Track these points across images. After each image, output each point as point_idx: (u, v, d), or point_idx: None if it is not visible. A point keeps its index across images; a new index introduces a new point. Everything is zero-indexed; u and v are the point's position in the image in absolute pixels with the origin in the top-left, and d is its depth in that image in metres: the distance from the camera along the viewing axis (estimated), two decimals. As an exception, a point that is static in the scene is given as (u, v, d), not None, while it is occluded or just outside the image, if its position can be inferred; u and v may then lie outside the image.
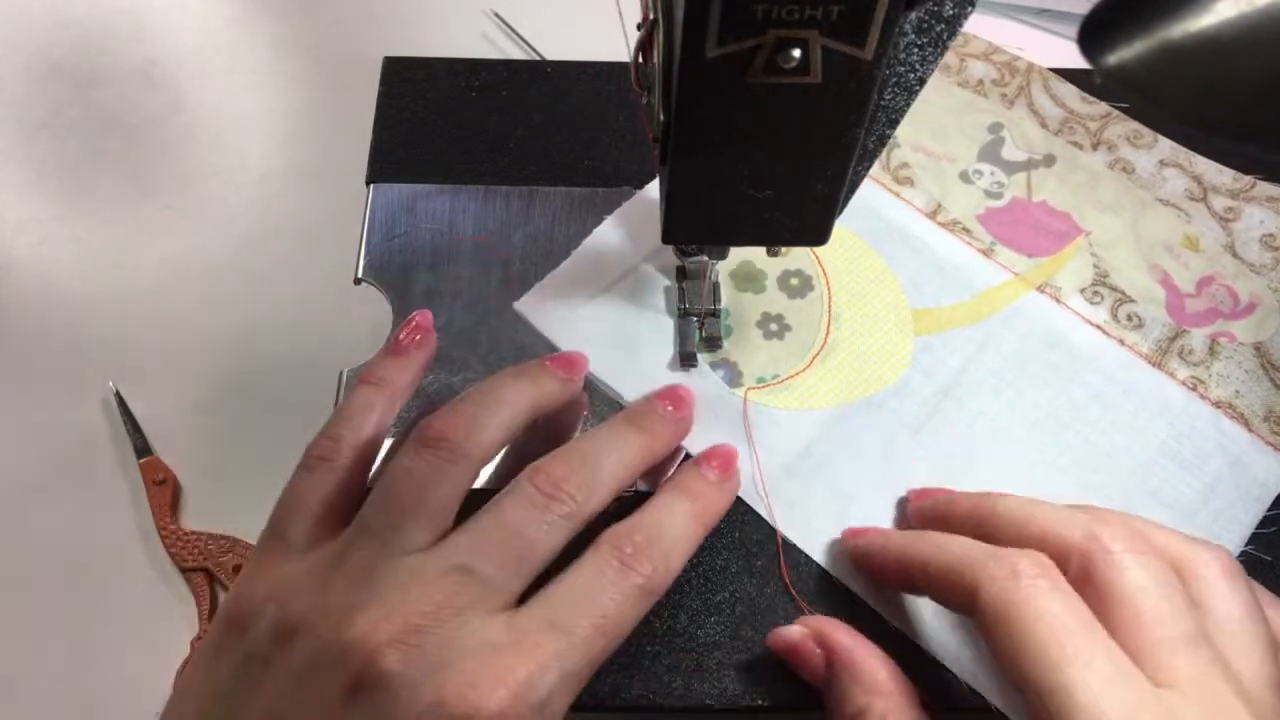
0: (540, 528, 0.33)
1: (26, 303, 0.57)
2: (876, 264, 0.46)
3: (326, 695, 0.30)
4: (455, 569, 0.32)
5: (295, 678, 0.30)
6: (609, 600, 0.32)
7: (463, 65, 0.53)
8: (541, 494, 0.34)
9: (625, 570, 0.33)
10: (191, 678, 0.33)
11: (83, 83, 0.65)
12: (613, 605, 0.32)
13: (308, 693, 0.30)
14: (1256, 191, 0.48)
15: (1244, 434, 0.42)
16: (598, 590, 0.32)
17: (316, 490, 0.35)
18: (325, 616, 0.31)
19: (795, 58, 0.27)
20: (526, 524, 0.33)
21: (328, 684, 0.30)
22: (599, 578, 0.33)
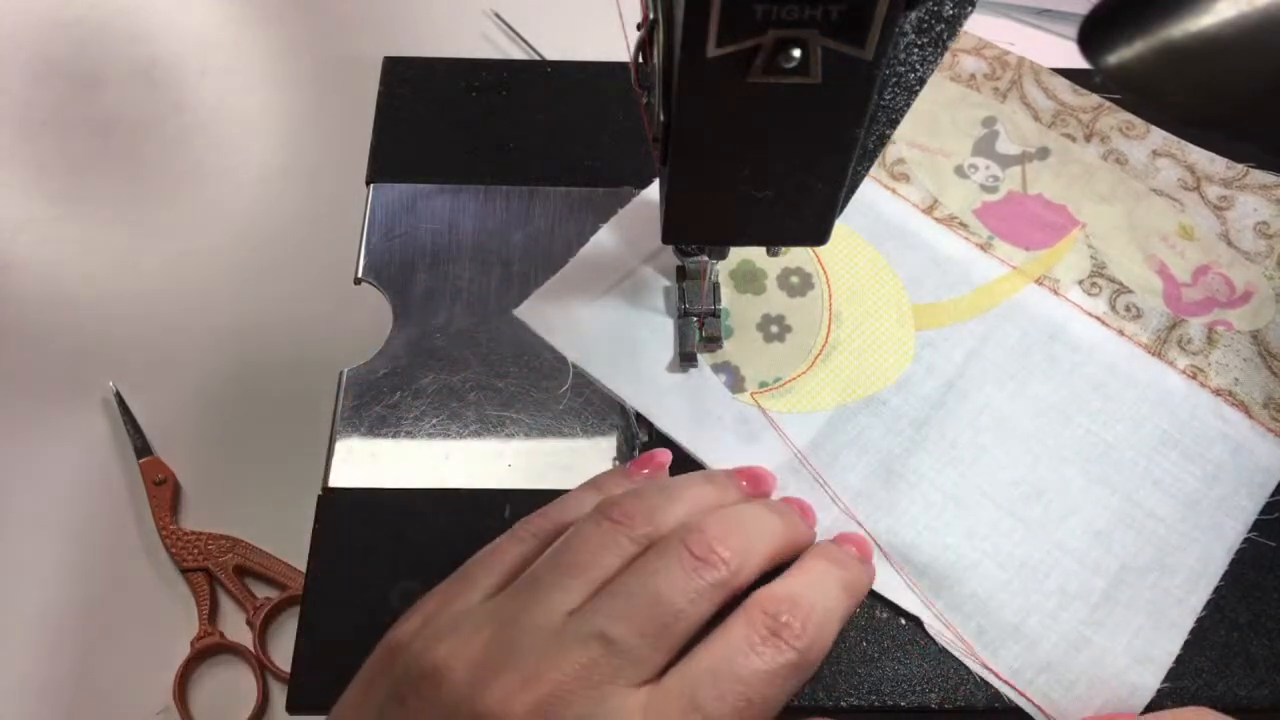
0: (688, 595, 0.31)
1: (27, 303, 0.57)
2: (876, 261, 0.47)
3: None
4: (596, 637, 0.30)
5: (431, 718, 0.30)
6: (757, 676, 0.30)
7: (463, 65, 0.53)
8: (693, 556, 0.31)
9: (777, 643, 0.30)
10: (345, 702, 0.33)
11: (83, 83, 0.65)
12: (760, 682, 0.30)
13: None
14: (1249, 180, 0.48)
15: (1245, 421, 0.42)
16: (745, 663, 0.30)
17: (517, 552, 0.35)
18: (465, 668, 0.30)
19: (795, 58, 0.27)
20: (674, 591, 0.31)
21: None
22: (747, 649, 0.30)
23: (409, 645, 0.32)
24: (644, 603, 0.30)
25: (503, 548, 0.35)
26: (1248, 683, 0.37)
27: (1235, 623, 0.38)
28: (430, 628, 0.32)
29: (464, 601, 0.33)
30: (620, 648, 0.30)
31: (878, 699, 0.37)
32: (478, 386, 0.43)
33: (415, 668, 0.31)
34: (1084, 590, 0.38)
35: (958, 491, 0.41)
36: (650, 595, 0.30)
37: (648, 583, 0.31)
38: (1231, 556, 0.39)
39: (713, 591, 0.31)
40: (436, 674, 0.30)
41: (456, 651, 0.30)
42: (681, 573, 0.31)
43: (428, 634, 0.31)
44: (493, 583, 0.33)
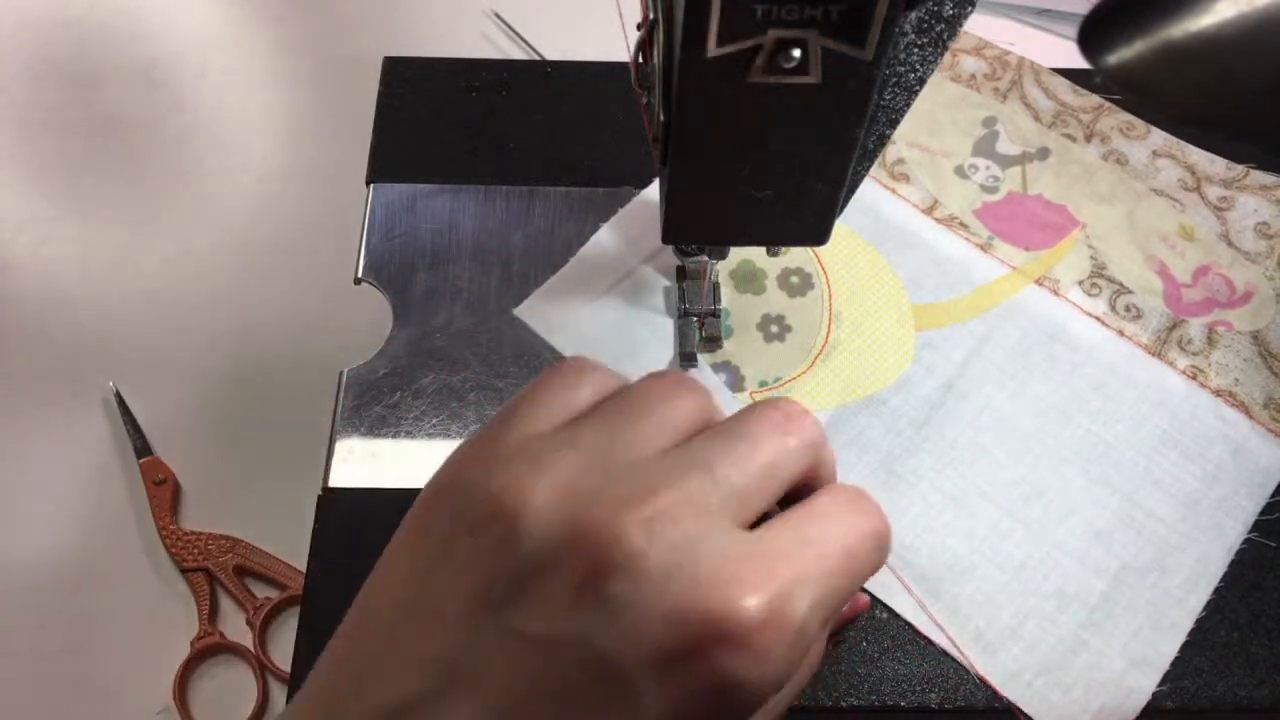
0: (782, 450, 0.29)
1: (26, 303, 0.57)
2: (876, 261, 0.47)
3: (555, 578, 0.26)
4: (700, 468, 0.28)
5: (516, 557, 0.26)
6: (853, 534, 0.28)
7: (463, 65, 0.53)
8: (785, 416, 0.30)
9: (863, 508, 0.29)
10: (389, 557, 0.30)
11: (83, 83, 0.65)
12: (855, 540, 0.28)
13: (530, 573, 0.26)
14: (1249, 180, 0.48)
15: (1245, 421, 0.42)
16: (841, 520, 0.28)
17: (572, 391, 0.31)
18: (555, 491, 0.27)
19: (795, 58, 0.27)
20: (769, 442, 0.29)
21: (557, 564, 0.26)
22: (842, 515, 0.29)
23: (470, 476, 0.28)
24: (744, 447, 0.29)
25: (550, 381, 0.31)
26: (1248, 683, 0.37)
27: (1235, 623, 0.38)
28: (491, 456, 0.29)
29: (521, 432, 0.30)
30: (726, 482, 0.28)
31: (878, 699, 0.37)
32: (478, 386, 0.43)
33: (484, 491, 0.28)
34: (1083, 591, 0.38)
35: (957, 492, 0.41)
36: (749, 442, 0.29)
37: (745, 432, 0.29)
38: (1232, 557, 0.39)
39: (802, 453, 0.30)
40: (516, 494, 0.27)
41: (542, 475, 0.27)
42: (775, 429, 0.29)
43: (494, 464, 0.28)
44: (552, 423, 0.30)
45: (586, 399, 0.31)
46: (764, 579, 0.26)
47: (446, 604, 0.27)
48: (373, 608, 0.29)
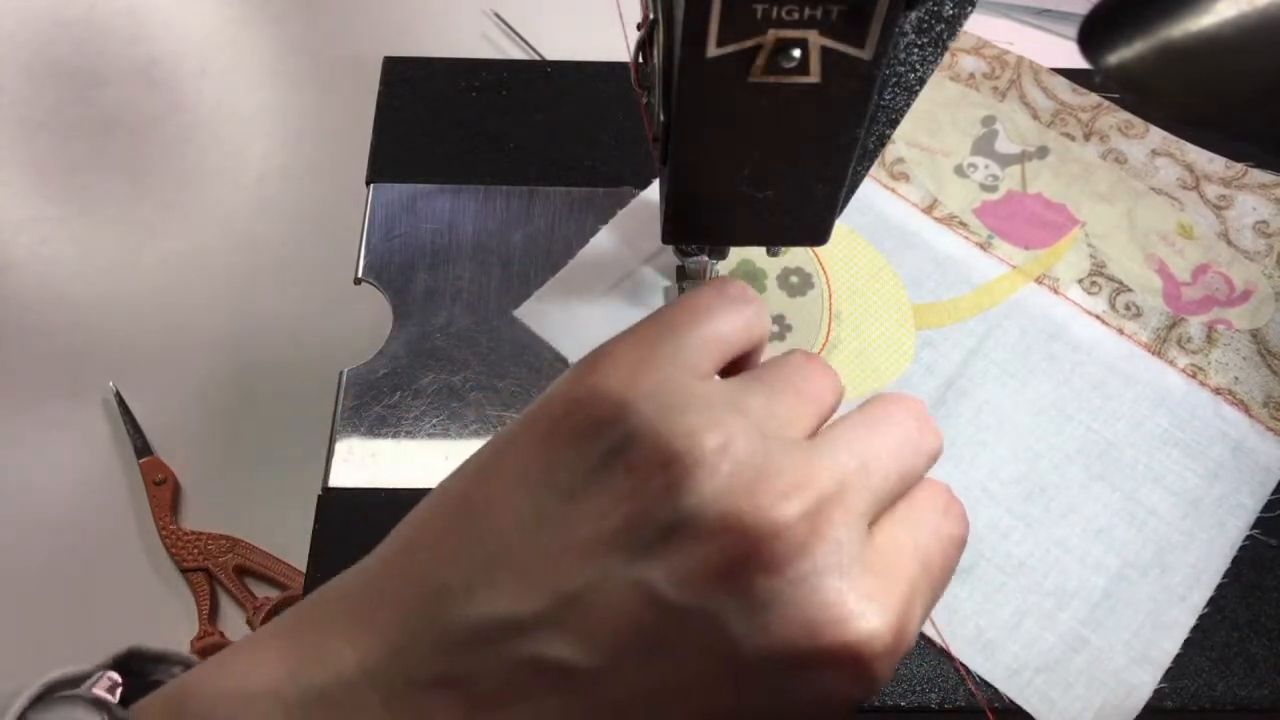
0: (920, 453, 0.29)
1: (26, 303, 0.57)
2: (875, 260, 0.47)
3: (706, 550, 0.25)
4: (852, 456, 0.27)
5: (673, 512, 0.26)
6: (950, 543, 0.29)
7: (463, 65, 0.53)
8: (920, 424, 0.30)
9: (955, 514, 0.30)
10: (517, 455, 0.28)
11: (83, 83, 0.65)
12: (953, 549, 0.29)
13: (682, 536, 0.25)
14: (1248, 179, 0.48)
15: (1244, 420, 0.42)
16: (939, 526, 0.29)
17: (731, 322, 0.30)
18: (726, 458, 0.26)
19: (795, 58, 0.27)
20: (908, 445, 0.29)
21: (713, 536, 0.25)
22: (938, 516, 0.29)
23: (633, 404, 0.27)
24: (889, 445, 0.29)
25: (712, 308, 0.31)
26: (1248, 683, 0.37)
27: (1235, 623, 0.38)
28: (656, 391, 0.28)
29: (685, 367, 0.29)
30: (872, 476, 0.28)
31: (878, 699, 0.37)
32: (478, 386, 0.43)
33: (655, 434, 0.26)
34: (1084, 589, 0.38)
35: (958, 490, 0.40)
36: (893, 442, 0.29)
37: (890, 430, 0.29)
38: (1233, 555, 0.39)
39: (930, 460, 0.30)
40: (692, 453, 0.26)
41: (711, 431, 0.27)
42: (916, 434, 0.30)
43: (659, 399, 0.27)
44: (711, 359, 0.30)
45: (740, 331, 0.31)
46: (893, 603, 0.26)
47: (584, 533, 0.26)
48: (495, 505, 0.28)
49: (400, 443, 0.42)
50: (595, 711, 0.26)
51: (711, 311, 0.30)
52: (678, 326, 0.30)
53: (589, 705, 0.26)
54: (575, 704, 0.26)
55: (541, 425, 0.29)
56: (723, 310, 0.31)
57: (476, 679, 0.26)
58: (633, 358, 0.29)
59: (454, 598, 0.26)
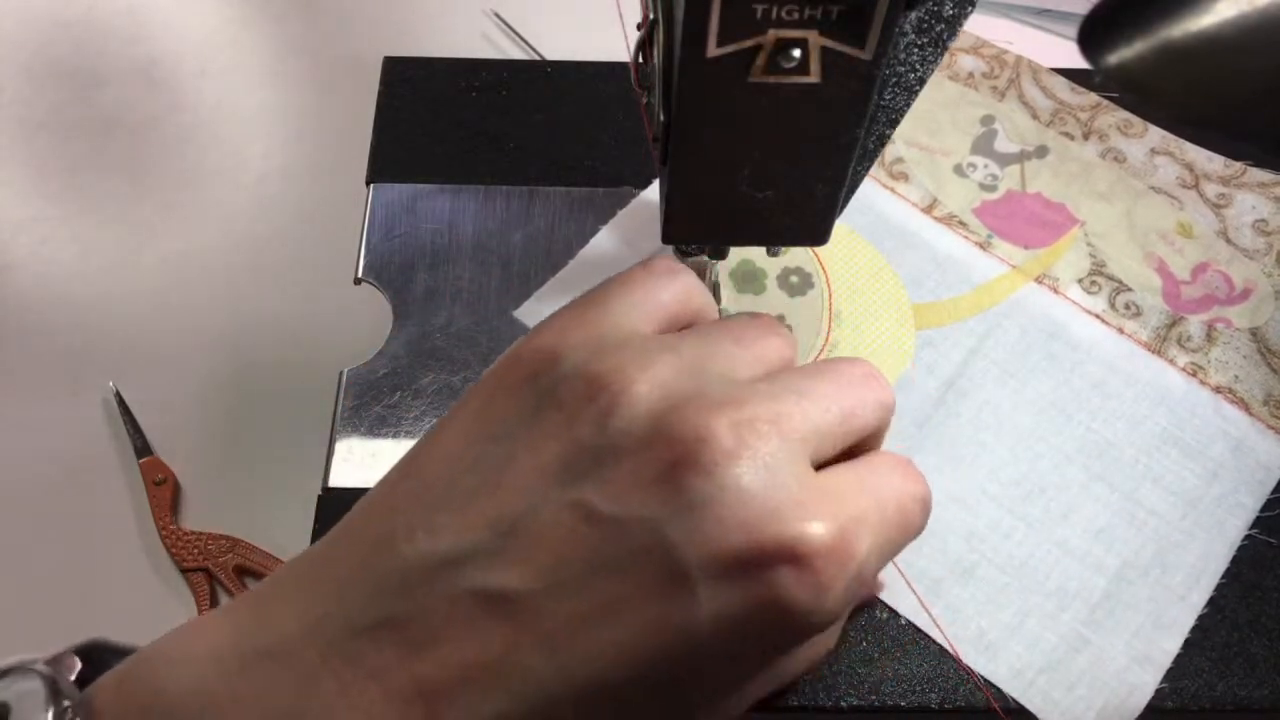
0: (864, 402, 0.30)
1: (26, 303, 0.57)
2: (875, 260, 0.47)
3: (638, 463, 0.26)
4: (792, 393, 0.28)
5: (603, 436, 0.27)
6: (905, 493, 0.30)
7: (463, 65, 0.53)
8: (865, 374, 0.31)
9: (912, 474, 0.30)
10: (462, 412, 0.29)
11: (83, 83, 0.65)
12: (907, 499, 0.30)
13: (613, 455, 0.26)
14: (1247, 177, 0.49)
15: (1245, 418, 0.42)
16: (894, 478, 0.30)
17: (663, 292, 0.32)
18: (652, 384, 0.27)
19: (795, 58, 0.27)
20: (853, 393, 0.30)
21: (642, 450, 0.26)
22: (896, 475, 0.30)
23: (566, 353, 0.28)
24: (831, 388, 0.29)
25: (642, 279, 0.32)
26: (1248, 683, 0.37)
27: (1235, 623, 0.38)
28: (590, 341, 0.29)
29: (617, 325, 0.30)
30: (814, 411, 0.28)
31: (878, 699, 0.37)
32: (478, 386, 0.43)
33: (585, 371, 0.28)
34: (1084, 589, 0.39)
35: (959, 490, 0.41)
36: (836, 385, 0.30)
37: (834, 375, 0.30)
38: (1233, 554, 0.39)
39: (877, 411, 0.31)
40: (619, 380, 0.27)
41: (638, 365, 0.28)
42: (860, 382, 0.30)
43: (591, 346, 0.29)
44: (646, 322, 0.31)
45: (674, 300, 0.32)
46: (833, 511, 0.26)
47: (519, 467, 0.27)
48: (436, 458, 0.29)
49: (400, 443, 0.42)
50: (542, 635, 0.26)
51: (638, 282, 0.32)
52: (613, 293, 0.31)
53: (535, 630, 0.26)
54: (521, 631, 0.26)
55: (485, 384, 0.30)
56: (651, 281, 0.32)
57: (416, 618, 0.26)
58: (566, 319, 0.30)
59: (394, 544, 0.27)
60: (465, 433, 0.29)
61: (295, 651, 0.26)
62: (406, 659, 0.26)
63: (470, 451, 0.28)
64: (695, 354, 0.29)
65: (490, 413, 0.29)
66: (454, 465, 0.28)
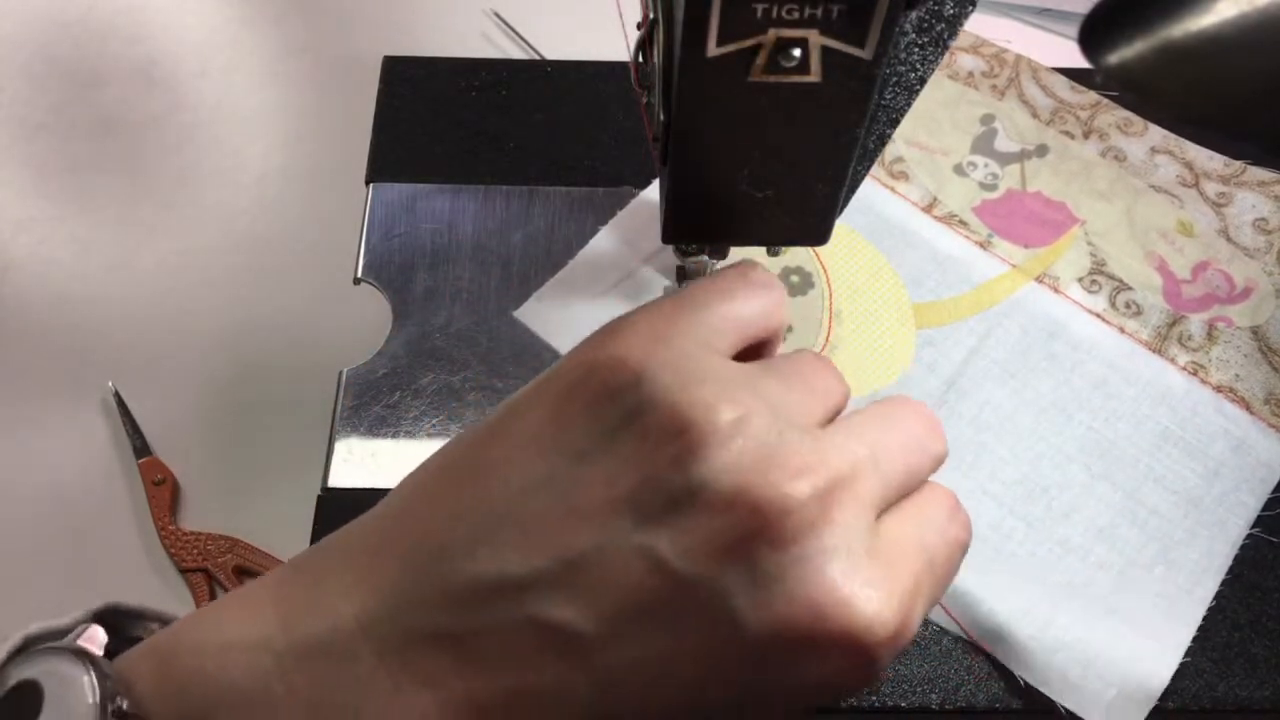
0: (927, 455, 0.30)
1: (26, 303, 0.57)
2: (876, 259, 0.47)
3: (714, 523, 0.25)
4: (864, 452, 0.27)
5: (685, 481, 0.25)
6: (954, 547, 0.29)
7: (463, 65, 0.53)
8: (930, 423, 0.30)
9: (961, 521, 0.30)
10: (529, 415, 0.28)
11: (83, 83, 0.65)
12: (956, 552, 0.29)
13: (691, 507, 0.25)
14: (1247, 176, 0.48)
15: (1246, 417, 0.42)
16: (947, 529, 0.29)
17: (750, 306, 0.30)
18: (740, 435, 0.26)
19: (795, 57, 0.27)
20: (917, 443, 0.29)
21: (723, 510, 0.25)
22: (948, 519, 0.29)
23: (651, 373, 0.27)
24: (899, 441, 0.29)
25: (734, 291, 0.31)
26: (1249, 683, 0.37)
27: (1236, 623, 0.38)
28: (675, 362, 0.27)
29: (702, 343, 0.29)
30: (883, 468, 0.28)
31: (878, 699, 0.37)
32: (478, 386, 0.43)
33: (672, 403, 0.26)
34: (1087, 589, 0.38)
35: (960, 490, 0.40)
36: (901, 439, 0.29)
37: (899, 426, 0.29)
38: (1234, 553, 0.39)
39: (937, 462, 0.30)
40: (707, 425, 0.26)
41: (728, 404, 0.26)
42: (924, 434, 0.30)
43: (677, 370, 0.27)
44: (729, 340, 0.30)
45: (760, 317, 0.31)
46: (898, 593, 0.26)
47: (592, 495, 0.26)
48: (497, 469, 0.27)
49: (400, 443, 0.42)
50: (591, 678, 0.25)
51: (734, 293, 0.30)
52: (700, 304, 0.30)
53: (586, 671, 0.25)
54: (574, 669, 0.25)
55: (556, 388, 0.28)
56: (745, 293, 0.31)
57: (474, 636, 0.25)
58: (652, 329, 0.29)
59: (457, 554, 0.26)
60: (536, 440, 0.27)
61: (352, 649, 0.26)
62: (461, 673, 0.25)
63: (541, 465, 0.27)
64: (776, 397, 0.28)
65: (564, 423, 0.27)
66: (522, 478, 0.27)
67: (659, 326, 0.29)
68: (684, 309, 0.30)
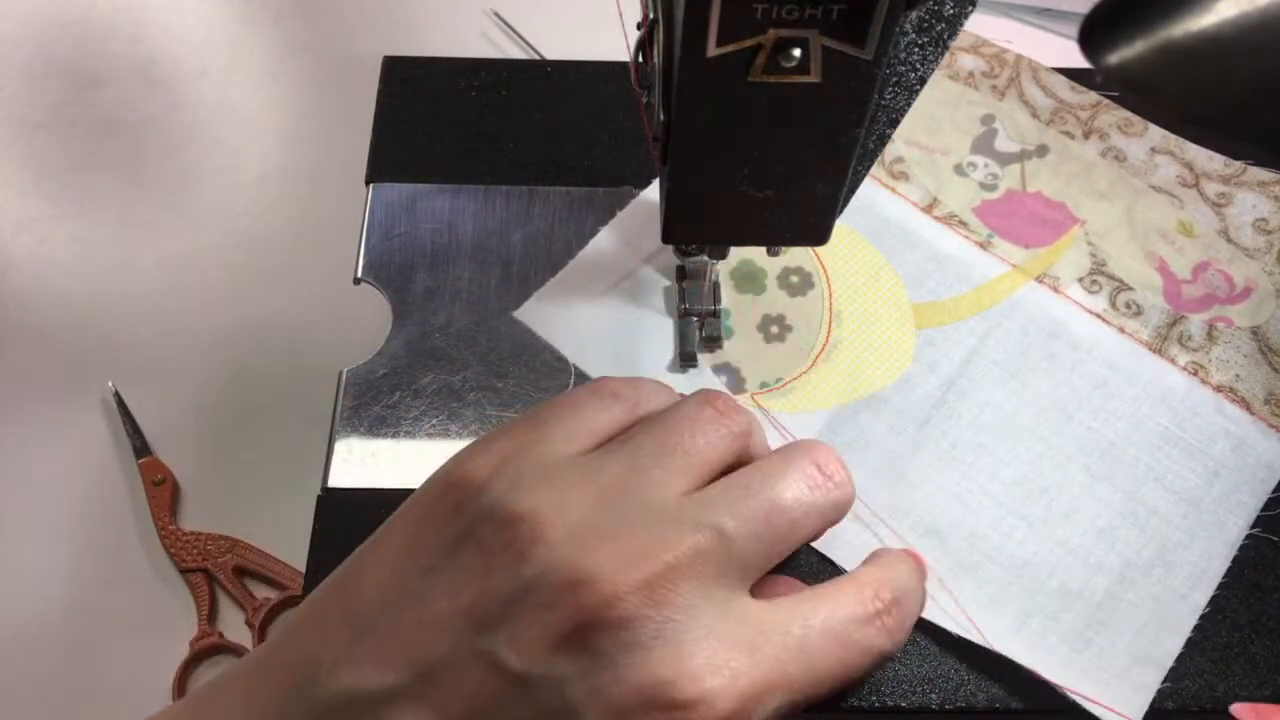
0: (805, 510, 0.29)
1: (26, 303, 0.57)
2: (876, 260, 0.46)
3: (546, 620, 0.26)
4: (711, 527, 0.28)
5: (516, 583, 0.27)
6: (857, 649, 0.29)
7: (463, 65, 0.53)
8: (820, 473, 0.30)
9: (879, 626, 0.29)
10: (387, 540, 0.30)
11: (82, 82, 0.65)
12: (857, 656, 0.29)
13: (524, 607, 0.27)
14: (1247, 176, 0.48)
15: (1246, 417, 0.42)
16: (851, 632, 0.29)
17: (603, 417, 0.32)
18: (565, 526, 0.27)
19: (795, 57, 0.27)
20: (795, 501, 0.29)
21: (551, 605, 0.26)
22: (855, 620, 0.29)
23: (489, 485, 0.29)
24: (764, 506, 0.29)
25: (583, 404, 0.32)
26: (1249, 683, 0.37)
27: (1236, 623, 0.38)
28: (514, 472, 0.29)
29: (546, 452, 0.30)
30: (735, 546, 0.28)
31: (878, 699, 0.37)
32: (478, 386, 0.43)
33: (503, 511, 0.28)
34: (1087, 589, 0.38)
35: (960, 491, 0.41)
36: (771, 500, 0.29)
37: (770, 486, 0.29)
38: (1234, 553, 0.39)
39: (826, 513, 0.30)
40: (533, 525, 0.27)
41: (555, 505, 0.28)
42: (806, 486, 0.30)
43: (513, 478, 0.29)
44: (578, 445, 0.31)
45: (611, 423, 0.32)
46: (741, 679, 0.26)
47: (438, 608, 0.28)
48: (361, 587, 0.29)
49: (400, 443, 0.42)
50: None
51: (581, 406, 0.32)
52: (546, 418, 0.32)
53: None
54: None
55: (415, 509, 0.30)
56: (592, 405, 0.32)
57: None
58: (500, 446, 0.31)
59: (321, 672, 0.28)
60: (395, 559, 0.29)
61: None
62: None
63: (396, 581, 0.29)
64: (620, 477, 0.29)
65: (418, 541, 0.29)
66: (379, 591, 0.29)
67: (506, 442, 0.30)
68: (532, 423, 0.31)
